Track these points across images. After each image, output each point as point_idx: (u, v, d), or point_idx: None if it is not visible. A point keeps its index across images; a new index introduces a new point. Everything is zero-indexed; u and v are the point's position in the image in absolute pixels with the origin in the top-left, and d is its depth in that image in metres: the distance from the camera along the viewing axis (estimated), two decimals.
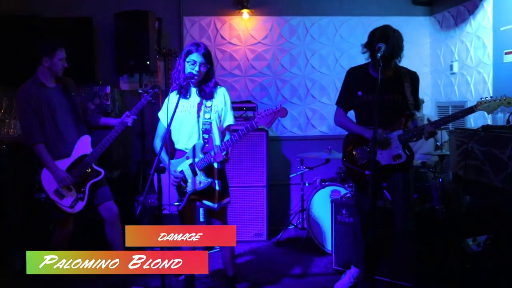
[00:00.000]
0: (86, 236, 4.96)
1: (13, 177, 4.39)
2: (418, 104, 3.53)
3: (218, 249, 4.70)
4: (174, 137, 3.44)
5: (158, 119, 3.56)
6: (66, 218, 3.73)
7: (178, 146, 3.42)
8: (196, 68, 3.22)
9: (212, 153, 3.20)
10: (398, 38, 3.28)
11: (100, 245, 4.54)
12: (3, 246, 4.32)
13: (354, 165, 3.53)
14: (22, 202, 4.43)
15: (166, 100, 3.38)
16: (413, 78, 3.48)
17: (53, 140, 3.65)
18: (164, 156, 3.32)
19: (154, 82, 5.32)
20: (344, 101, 3.61)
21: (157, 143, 3.43)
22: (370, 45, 3.33)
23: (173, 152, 3.54)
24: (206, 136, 3.29)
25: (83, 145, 3.73)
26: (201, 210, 4.58)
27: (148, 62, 4.87)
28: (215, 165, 3.31)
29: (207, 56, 3.25)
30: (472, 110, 3.22)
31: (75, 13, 5.27)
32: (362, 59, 3.56)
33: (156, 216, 4.54)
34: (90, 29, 5.18)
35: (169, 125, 3.10)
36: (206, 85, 3.31)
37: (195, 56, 3.21)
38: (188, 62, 3.23)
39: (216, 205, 3.34)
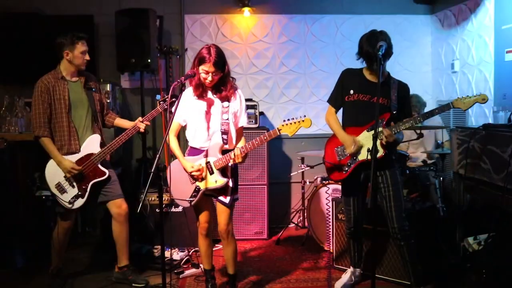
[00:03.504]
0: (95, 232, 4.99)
1: (14, 175, 4.39)
2: (407, 111, 3.55)
3: (220, 247, 4.72)
4: (189, 135, 3.45)
5: (159, 118, 3.57)
6: (67, 211, 3.75)
7: (193, 144, 3.45)
8: (210, 78, 3.25)
9: (233, 154, 3.24)
10: (388, 37, 3.37)
11: (104, 241, 4.55)
12: (4, 244, 4.32)
13: (333, 162, 3.62)
14: (23, 200, 4.43)
15: (181, 97, 3.36)
16: (401, 88, 3.54)
17: (64, 135, 3.67)
18: (178, 152, 3.39)
19: (155, 80, 5.33)
20: (335, 99, 3.70)
21: (171, 138, 3.45)
22: (362, 50, 3.42)
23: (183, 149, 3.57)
24: (225, 136, 3.34)
25: (92, 144, 3.73)
26: None
27: (149, 60, 4.87)
28: (230, 164, 3.36)
29: (219, 63, 3.24)
30: (449, 106, 3.31)
31: (77, 10, 5.28)
32: None
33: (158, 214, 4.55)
34: (91, 27, 5.18)
35: (170, 122, 3.13)
36: (222, 89, 3.35)
37: (208, 67, 3.22)
38: (201, 71, 3.26)
39: (228, 200, 3.39)
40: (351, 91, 3.55)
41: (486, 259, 3.34)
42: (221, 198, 3.40)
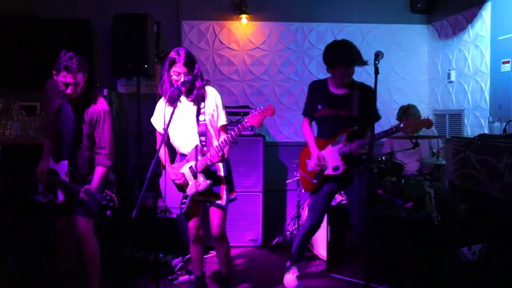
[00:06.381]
0: None
1: (8, 179, 4.37)
2: (372, 114, 3.47)
3: (213, 254, 4.70)
4: (174, 142, 3.48)
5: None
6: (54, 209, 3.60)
7: (179, 150, 3.51)
8: (182, 79, 3.27)
9: (209, 154, 3.28)
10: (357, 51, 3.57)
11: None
12: None
13: (303, 172, 3.81)
14: (16, 204, 4.40)
15: (157, 106, 3.42)
16: (363, 91, 3.61)
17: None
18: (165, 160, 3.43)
19: (152, 85, 5.32)
20: (307, 112, 3.89)
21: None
22: (333, 59, 3.57)
23: (172, 157, 3.57)
24: (203, 138, 3.37)
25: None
26: None
27: (146, 66, 4.85)
28: (221, 165, 3.43)
29: (189, 63, 3.29)
30: (398, 129, 3.39)
31: (74, 15, 5.28)
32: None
33: (151, 220, 4.53)
34: (89, 32, 5.18)
35: (166, 129, 3.12)
36: (193, 91, 3.36)
37: (178, 67, 3.26)
38: (172, 73, 3.28)
39: (224, 202, 3.42)
40: (319, 106, 3.69)
41: (480, 269, 3.34)
42: (218, 202, 3.41)
